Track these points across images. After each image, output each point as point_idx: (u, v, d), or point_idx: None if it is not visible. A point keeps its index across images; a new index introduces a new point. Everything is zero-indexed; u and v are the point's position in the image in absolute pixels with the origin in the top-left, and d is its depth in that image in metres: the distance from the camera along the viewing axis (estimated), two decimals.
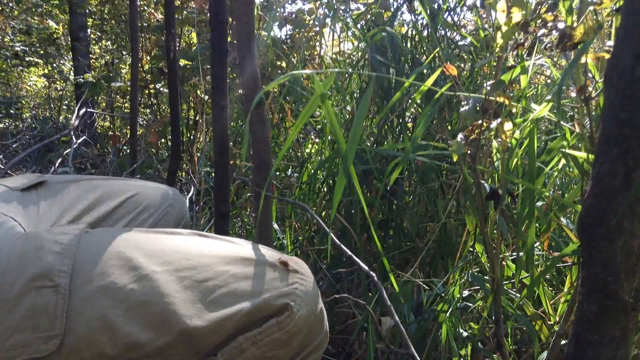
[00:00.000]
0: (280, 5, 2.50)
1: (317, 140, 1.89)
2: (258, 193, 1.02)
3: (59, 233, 0.64)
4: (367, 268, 0.93)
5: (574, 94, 0.78)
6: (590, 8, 0.77)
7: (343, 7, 2.10)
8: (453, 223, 1.38)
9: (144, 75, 3.02)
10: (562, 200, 0.95)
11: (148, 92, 3.18)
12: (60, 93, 5.12)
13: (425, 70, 1.39)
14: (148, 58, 3.10)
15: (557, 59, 1.56)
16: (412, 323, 1.16)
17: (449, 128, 1.49)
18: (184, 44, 2.96)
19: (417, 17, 1.66)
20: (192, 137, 2.61)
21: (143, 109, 3.63)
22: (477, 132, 0.81)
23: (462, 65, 1.63)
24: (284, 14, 2.51)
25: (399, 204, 1.50)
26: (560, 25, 0.71)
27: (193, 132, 2.61)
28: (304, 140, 2.02)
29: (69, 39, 4.28)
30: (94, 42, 4.68)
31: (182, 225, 1.03)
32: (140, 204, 0.94)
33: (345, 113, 1.77)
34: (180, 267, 0.62)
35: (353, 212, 1.45)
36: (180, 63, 2.44)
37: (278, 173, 1.93)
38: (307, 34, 2.45)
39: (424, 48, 1.64)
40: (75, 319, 0.57)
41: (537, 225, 1.04)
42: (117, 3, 3.90)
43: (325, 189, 1.69)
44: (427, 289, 1.23)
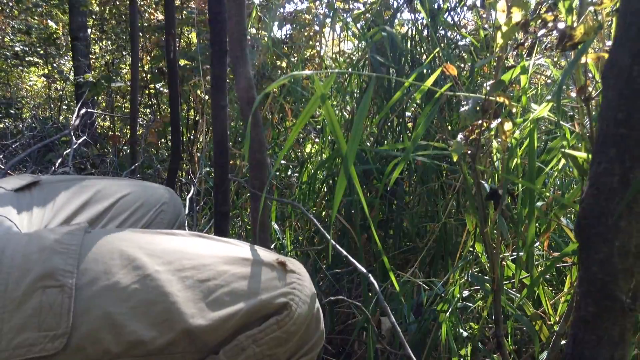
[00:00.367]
0: (281, 5, 2.50)
1: (317, 140, 1.89)
2: (255, 193, 1.02)
3: (63, 233, 0.64)
4: (364, 270, 0.93)
5: (574, 94, 0.78)
6: (590, 8, 0.77)
7: (343, 7, 2.10)
8: (453, 223, 1.38)
9: (144, 75, 3.02)
10: (562, 200, 0.95)
11: (148, 92, 3.18)
12: (60, 93, 5.12)
13: (425, 70, 1.39)
14: (148, 58, 3.10)
15: (557, 59, 1.57)
16: (412, 323, 1.16)
17: (449, 128, 1.49)
18: (184, 44, 2.97)
19: (417, 16, 1.66)
20: (192, 137, 2.61)
21: (143, 109, 3.63)
22: (477, 132, 0.81)
23: (462, 65, 1.64)
24: (284, 14, 2.51)
25: (399, 204, 1.50)
26: (560, 25, 0.71)
27: (193, 132, 2.62)
28: (304, 140, 2.03)
29: (69, 39, 4.29)
30: (94, 42, 4.69)
31: (177, 226, 1.03)
32: (133, 204, 0.94)
33: (346, 113, 1.77)
34: (182, 267, 0.63)
35: (353, 212, 1.45)
36: (180, 63, 2.44)
37: (278, 173, 1.93)
38: (307, 34, 2.45)
39: (424, 48, 1.64)
40: (81, 318, 0.58)
41: (537, 225, 1.04)
42: (117, 3, 3.90)
43: (325, 189, 1.69)
44: (427, 289, 1.23)
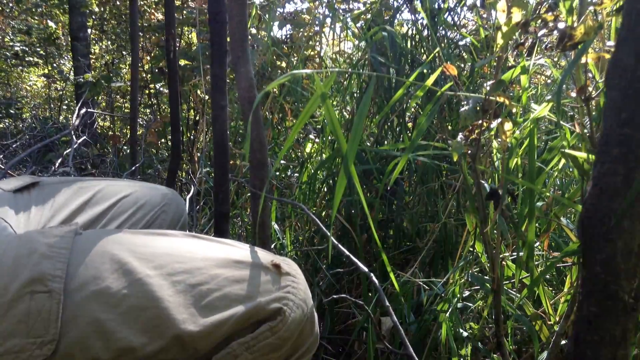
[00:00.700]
0: (281, 5, 2.50)
1: (317, 140, 1.89)
2: (255, 193, 1.02)
3: (52, 236, 0.63)
4: (366, 269, 0.93)
5: (574, 94, 0.78)
6: (591, 8, 0.77)
7: (343, 6, 2.10)
8: (453, 223, 1.38)
9: (144, 75, 3.02)
10: (562, 200, 0.95)
11: (148, 92, 3.18)
12: (60, 93, 5.12)
13: (426, 70, 1.39)
14: (148, 58, 3.10)
15: (557, 59, 1.56)
16: (412, 323, 1.16)
17: (449, 128, 1.49)
18: (184, 44, 2.96)
19: (417, 16, 1.66)
20: (192, 137, 2.61)
21: (143, 109, 3.63)
22: (477, 132, 0.81)
23: (462, 65, 1.63)
24: (284, 14, 2.51)
25: (399, 204, 1.50)
26: (561, 26, 0.71)
27: (193, 132, 2.61)
28: (304, 140, 2.02)
29: (69, 39, 4.29)
30: (94, 42, 4.68)
31: (180, 225, 1.02)
32: (135, 204, 0.94)
33: (346, 113, 1.77)
34: (173, 270, 0.62)
35: (353, 212, 1.45)
36: (180, 63, 2.44)
37: (278, 173, 1.93)
38: (307, 34, 2.45)
39: (424, 48, 1.64)
40: (69, 324, 0.57)
41: (537, 225, 1.04)
42: (117, 3, 3.90)
43: (325, 189, 1.69)
44: (427, 289, 1.23)
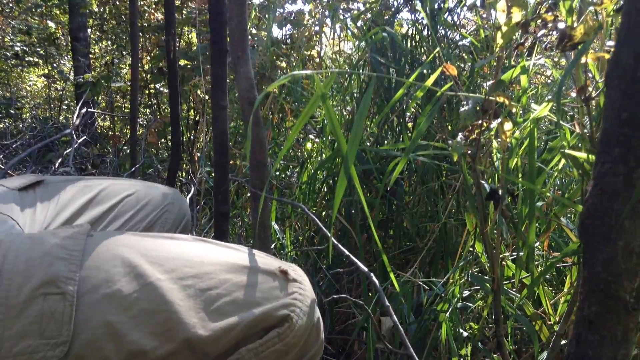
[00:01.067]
0: (280, 5, 2.50)
1: (317, 140, 1.89)
2: (255, 193, 1.02)
3: (65, 237, 0.64)
4: (366, 269, 0.93)
5: (574, 94, 0.78)
6: (591, 8, 0.77)
7: (343, 6, 2.10)
8: (453, 223, 1.38)
9: (144, 75, 3.02)
10: (562, 200, 0.95)
11: (148, 92, 3.18)
12: (60, 93, 5.12)
13: (426, 70, 1.39)
14: (148, 58, 3.10)
15: (557, 59, 1.56)
16: (412, 323, 1.16)
17: (449, 128, 1.49)
18: (184, 44, 2.96)
19: (417, 16, 1.66)
20: (192, 137, 2.61)
21: (143, 109, 3.63)
22: (477, 132, 0.81)
23: (462, 65, 1.63)
24: (284, 14, 2.51)
25: (399, 204, 1.50)
26: (561, 26, 0.71)
27: (193, 132, 2.61)
28: (304, 140, 2.02)
29: (69, 39, 4.28)
30: (94, 42, 4.68)
31: (183, 225, 1.02)
32: (138, 203, 0.94)
33: (346, 113, 1.77)
34: (184, 275, 0.63)
35: (353, 212, 1.45)
36: (180, 63, 2.44)
37: (278, 173, 1.93)
38: (307, 34, 2.45)
39: (424, 48, 1.64)
40: (82, 326, 0.57)
41: (537, 225, 1.04)
42: (117, 3, 3.90)
43: (325, 189, 1.68)
44: (427, 289, 1.23)
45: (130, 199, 0.93)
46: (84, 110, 2.69)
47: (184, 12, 2.66)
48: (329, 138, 1.72)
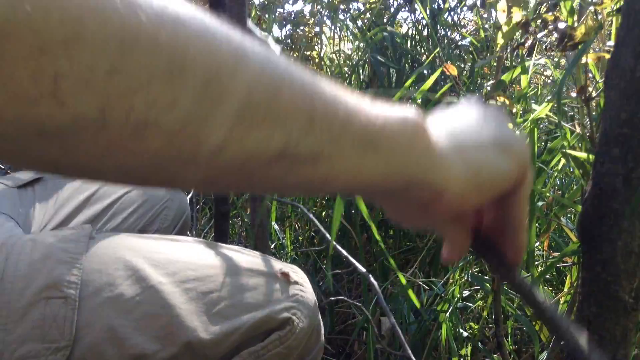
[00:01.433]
0: (281, 5, 2.50)
1: None
2: (254, 193, 1.02)
3: (68, 240, 0.63)
4: (364, 269, 0.93)
5: (574, 94, 0.78)
6: (591, 8, 0.77)
7: (343, 6, 2.10)
8: None
9: None
10: (562, 200, 0.95)
11: None
12: None
13: (426, 71, 1.39)
14: None
15: (558, 59, 1.56)
16: (412, 323, 1.16)
17: None
18: None
19: (417, 16, 1.66)
20: None
21: None
22: None
23: (462, 65, 1.63)
24: (284, 14, 2.51)
25: None
26: (561, 26, 0.71)
27: None
28: None
29: None
30: None
31: (183, 221, 1.02)
32: (137, 200, 0.94)
33: None
34: (186, 278, 0.63)
35: (353, 212, 1.45)
36: None
37: None
38: (307, 34, 2.45)
39: (424, 48, 1.64)
40: (84, 330, 0.57)
41: (537, 225, 1.04)
42: None
43: None
44: (427, 289, 1.23)
45: (129, 196, 0.93)
46: None
47: None
48: None
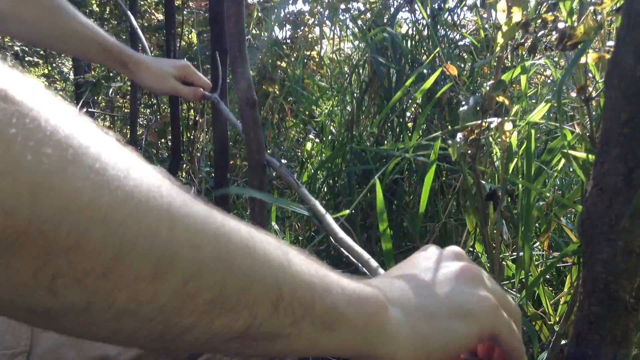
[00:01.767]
0: (281, 6, 2.50)
1: (317, 140, 1.89)
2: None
3: None
4: (366, 270, 0.92)
5: (574, 94, 0.78)
6: (591, 8, 0.77)
7: (343, 6, 2.10)
8: (453, 223, 1.38)
9: None
10: (562, 200, 0.95)
11: (148, 92, 3.17)
12: (60, 93, 5.12)
13: (426, 70, 1.39)
14: None
15: (558, 59, 1.56)
16: None
17: (449, 128, 1.49)
18: (184, 44, 2.96)
19: (417, 16, 1.66)
20: (192, 137, 2.61)
21: (143, 109, 3.63)
22: (477, 132, 0.81)
23: (462, 65, 1.63)
24: (284, 14, 2.51)
25: (399, 204, 1.50)
26: (561, 25, 0.71)
27: (193, 132, 2.61)
28: (304, 140, 2.02)
29: None
30: None
31: None
32: None
33: (345, 113, 1.77)
34: None
35: (353, 212, 1.45)
36: None
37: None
38: (308, 33, 2.45)
39: (424, 48, 1.64)
40: (41, 334, 0.55)
41: (537, 225, 1.04)
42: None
43: (325, 189, 1.68)
44: None
45: None
46: (84, 110, 2.69)
47: (184, 12, 2.66)
48: (329, 138, 1.72)
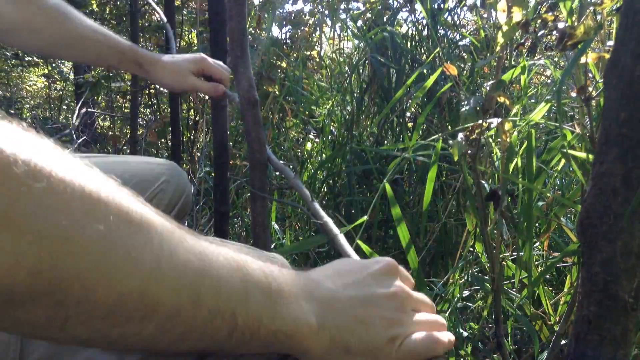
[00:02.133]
0: (281, 6, 2.50)
1: (317, 140, 1.89)
2: (255, 193, 1.02)
3: None
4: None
5: (574, 94, 0.78)
6: (591, 8, 0.77)
7: (343, 6, 2.10)
8: (453, 223, 1.38)
9: None
10: (562, 200, 0.95)
11: (148, 92, 3.17)
12: (60, 93, 5.12)
13: (426, 70, 1.39)
14: None
15: (558, 59, 1.56)
16: None
17: (449, 128, 1.49)
18: (184, 44, 2.96)
19: (417, 16, 1.66)
20: (192, 137, 2.61)
21: (143, 109, 3.63)
22: (477, 132, 0.81)
23: (462, 65, 1.63)
24: (284, 15, 2.51)
25: (399, 204, 1.50)
26: (561, 25, 0.71)
27: (193, 132, 2.61)
28: (304, 140, 2.02)
29: None
30: None
31: (181, 203, 0.96)
32: (127, 184, 0.88)
33: (345, 113, 1.77)
34: None
35: (353, 211, 1.45)
36: None
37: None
38: (307, 33, 2.45)
39: (425, 48, 1.64)
40: (30, 346, 0.55)
41: (537, 225, 1.04)
42: (117, 3, 3.89)
43: (326, 189, 1.68)
44: (427, 289, 1.23)
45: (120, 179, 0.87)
46: (84, 111, 2.69)
47: (184, 12, 2.66)
48: (329, 138, 1.72)
